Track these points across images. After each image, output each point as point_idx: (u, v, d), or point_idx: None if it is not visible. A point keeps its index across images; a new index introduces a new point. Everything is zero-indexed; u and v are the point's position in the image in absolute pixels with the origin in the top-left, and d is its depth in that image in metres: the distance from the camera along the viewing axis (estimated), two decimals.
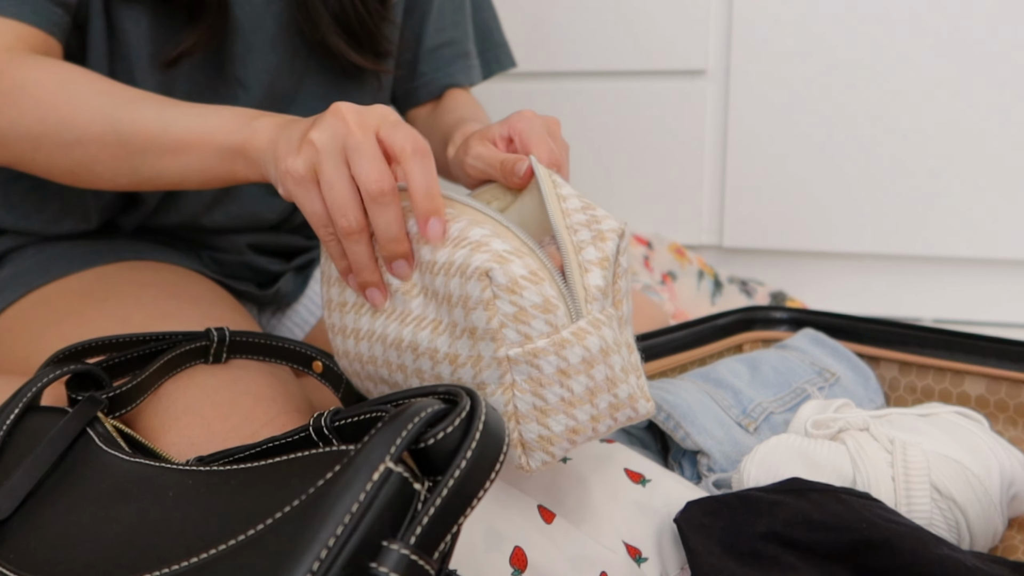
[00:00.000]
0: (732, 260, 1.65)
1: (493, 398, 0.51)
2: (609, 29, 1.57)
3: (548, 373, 0.51)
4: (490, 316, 0.50)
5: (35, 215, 0.81)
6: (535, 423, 0.51)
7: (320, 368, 0.68)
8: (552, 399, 0.51)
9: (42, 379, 0.56)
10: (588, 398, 0.52)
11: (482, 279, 0.50)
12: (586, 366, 0.51)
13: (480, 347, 0.51)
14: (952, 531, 0.62)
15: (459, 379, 0.52)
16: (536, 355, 0.50)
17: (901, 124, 1.47)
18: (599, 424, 0.53)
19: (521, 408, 0.51)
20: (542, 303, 0.50)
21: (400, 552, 0.34)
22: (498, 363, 0.51)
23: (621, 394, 0.53)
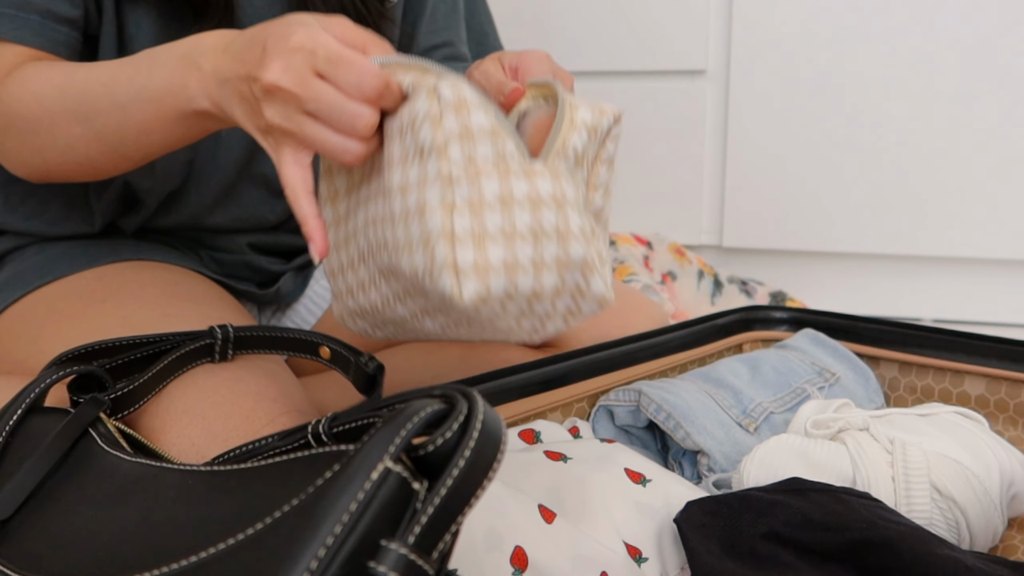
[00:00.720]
0: (732, 260, 1.65)
1: (433, 218, 0.50)
2: (609, 29, 1.57)
3: (489, 198, 0.50)
4: (435, 131, 0.50)
5: (36, 216, 0.82)
6: (471, 247, 0.50)
7: (328, 354, 0.68)
8: (491, 226, 0.50)
9: (45, 380, 0.57)
10: (531, 239, 0.50)
11: (430, 95, 0.51)
12: (532, 205, 0.50)
13: (428, 166, 0.51)
14: (952, 531, 0.62)
15: (408, 207, 0.51)
16: (479, 175, 0.50)
17: (901, 124, 1.47)
18: (543, 276, 0.51)
19: (458, 229, 0.50)
20: (489, 128, 0.51)
21: (399, 552, 0.34)
22: (441, 181, 0.50)
23: (573, 253, 0.50)
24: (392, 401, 0.43)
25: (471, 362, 0.88)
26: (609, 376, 0.78)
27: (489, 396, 0.70)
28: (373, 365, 0.64)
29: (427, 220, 0.50)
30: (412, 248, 0.51)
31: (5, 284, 0.78)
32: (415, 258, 0.51)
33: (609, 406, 0.75)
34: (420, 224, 0.50)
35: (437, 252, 0.50)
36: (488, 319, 0.52)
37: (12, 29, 0.68)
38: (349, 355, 0.66)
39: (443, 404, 0.38)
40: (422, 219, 0.50)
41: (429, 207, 0.50)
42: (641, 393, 0.73)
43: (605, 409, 0.76)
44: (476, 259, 0.50)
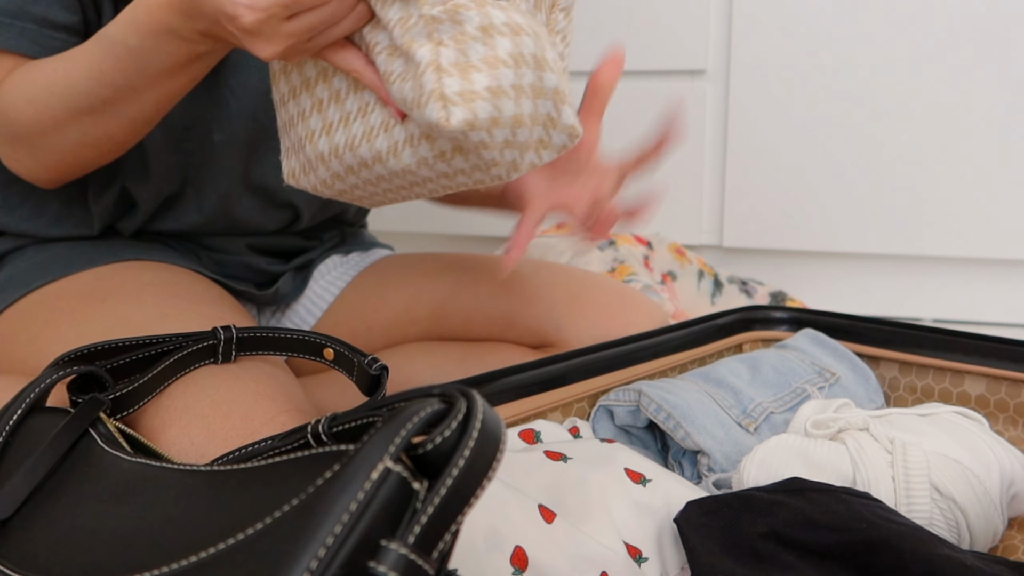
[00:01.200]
0: (732, 260, 1.65)
1: (421, 50, 0.53)
2: (609, 29, 1.57)
3: (471, 30, 0.53)
4: None
5: (34, 218, 0.82)
6: (457, 77, 0.53)
7: (331, 355, 0.68)
8: (475, 56, 0.53)
9: (46, 380, 0.57)
10: (512, 64, 0.53)
11: None
12: (511, 31, 0.53)
13: (410, 8, 0.53)
14: (952, 531, 0.62)
15: (390, 43, 0.55)
16: (458, 10, 0.53)
17: (901, 124, 1.47)
18: (522, 100, 0.54)
19: (444, 61, 0.53)
20: None
21: (399, 551, 0.34)
22: (424, 22, 0.53)
23: (547, 82, 0.55)
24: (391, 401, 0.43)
25: (471, 362, 0.88)
26: (609, 376, 0.78)
27: (489, 396, 0.70)
28: (376, 366, 0.64)
29: (415, 53, 0.54)
30: (402, 78, 0.54)
31: (4, 284, 0.79)
32: (404, 87, 0.54)
33: (609, 406, 0.75)
34: (407, 58, 0.54)
35: (425, 81, 0.53)
36: (475, 147, 0.55)
37: (8, 39, 0.68)
38: (352, 356, 0.66)
39: (442, 404, 0.38)
40: (408, 51, 0.54)
41: (415, 45, 0.53)
42: (641, 393, 0.73)
43: (605, 409, 0.76)
44: (463, 87, 0.53)
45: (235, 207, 0.84)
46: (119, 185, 0.80)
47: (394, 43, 0.55)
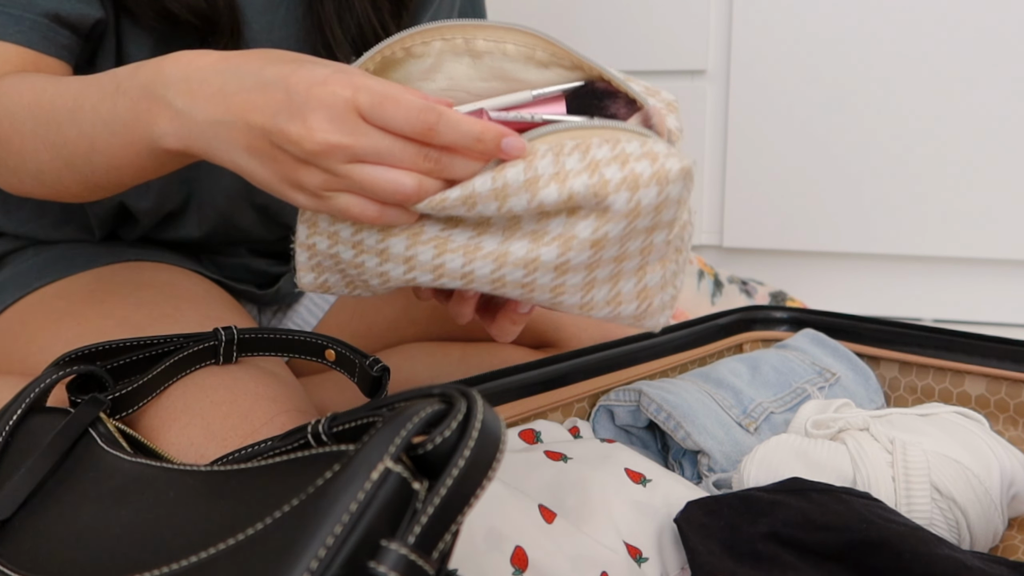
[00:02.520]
0: (732, 260, 1.65)
1: (651, 274, 0.56)
2: (609, 29, 1.57)
3: (685, 240, 0.57)
4: (678, 209, 0.52)
5: (34, 220, 0.81)
6: (672, 286, 0.57)
7: (333, 356, 0.68)
8: (682, 261, 0.58)
9: (46, 380, 0.57)
10: (688, 257, 0.59)
11: (686, 179, 0.51)
12: (693, 229, 0.58)
13: (654, 237, 0.53)
14: (952, 531, 0.62)
15: (620, 270, 0.54)
16: (684, 228, 0.56)
17: (901, 124, 1.47)
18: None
19: (668, 276, 0.57)
20: (693, 185, 0.53)
21: (399, 551, 0.34)
22: (667, 245, 0.55)
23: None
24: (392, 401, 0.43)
25: (471, 362, 0.88)
26: (609, 376, 0.78)
27: (489, 396, 0.70)
28: (378, 367, 0.64)
29: (646, 276, 0.56)
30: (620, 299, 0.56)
31: (4, 285, 0.78)
32: (625, 308, 0.56)
33: (609, 406, 0.75)
34: (635, 279, 0.55)
35: (655, 301, 0.57)
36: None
37: (22, 32, 0.66)
38: (354, 357, 0.66)
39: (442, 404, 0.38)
40: (640, 274, 0.55)
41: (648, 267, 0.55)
42: (641, 393, 0.73)
43: (605, 409, 0.76)
44: (672, 294, 0.58)
45: (236, 223, 0.84)
46: (116, 201, 0.80)
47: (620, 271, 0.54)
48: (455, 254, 0.52)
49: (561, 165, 0.50)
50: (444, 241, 0.52)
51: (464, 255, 0.52)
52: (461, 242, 0.52)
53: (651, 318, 0.57)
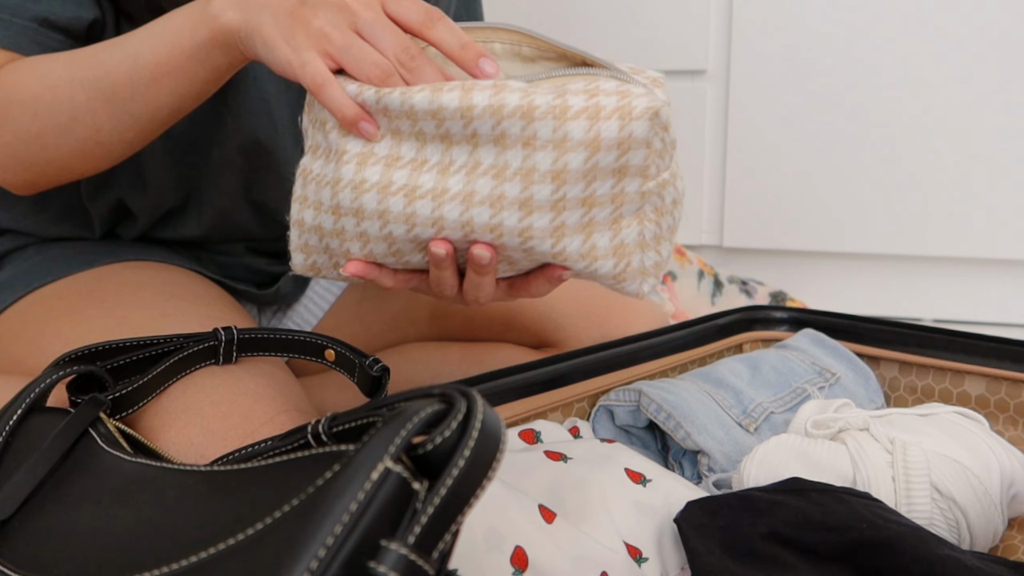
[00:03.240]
0: (732, 260, 1.65)
1: (628, 229, 0.54)
2: (609, 29, 1.57)
3: (667, 203, 0.55)
4: (647, 154, 0.52)
5: (33, 215, 0.81)
6: (653, 251, 0.56)
7: (333, 356, 0.68)
8: (664, 227, 0.56)
9: (46, 380, 0.57)
10: (676, 228, 0.57)
11: (652, 119, 0.51)
12: (681, 197, 0.56)
13: (625, 183, 0.53)
14: (952, 531, 0.62)
15: (592, 218, 0.54)
16: (664, 186, 0.54)
17: (901, 124, 1.47)
18: (670, 258, 0.58)
19: (647, 236, 0.55)
20: (672, 140, 0.53)
21: (399, 552, 0.34)
22: (641, 196, 0.53)
23: (674, 239, 0.59)
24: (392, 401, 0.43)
25: (471, 362, 0.88)
26: (609, 376, 0.78)
27: (489, 396, 0.70)
28: (377, 367, 0.64)
29: (622, 231, 0.54)
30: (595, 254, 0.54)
31: (4, 285, 0.78)
32: (602, 264, 0.55)
33: (609, 406, 0.75)
34: (611, 232, 0.54)
35: (632, 260, 0.56)
36: None
37: (11, 36, 0.67)
38: (354, 357, 0.66)
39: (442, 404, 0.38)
40: (615, 228, 0.54)
41: (624, 221, 0.54)
42: (641, 393, 0.73)
43: (605, 409, 0.76)
44: (656, 260, 0.56)
45: (234, 220, 0.84)
46: (115, 198, 0.80)
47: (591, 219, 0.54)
48: (424, 199, 0.53)
49: (529, 90, 0.51)
50: (412, 189, 0.54)
51: (432, 199, 0.53)
52: (428, 187, 0.53)
53: (631, 281, 0.56)
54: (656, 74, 0.57)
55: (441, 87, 0.52)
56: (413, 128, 0.54)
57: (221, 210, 0.82)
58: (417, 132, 0.54)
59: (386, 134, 0.55)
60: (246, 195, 0.83)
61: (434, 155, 0.54)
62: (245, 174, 0.81)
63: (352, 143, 0.56)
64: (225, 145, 0.78)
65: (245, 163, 0.80)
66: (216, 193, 0.81)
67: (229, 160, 0.79)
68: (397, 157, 0.55)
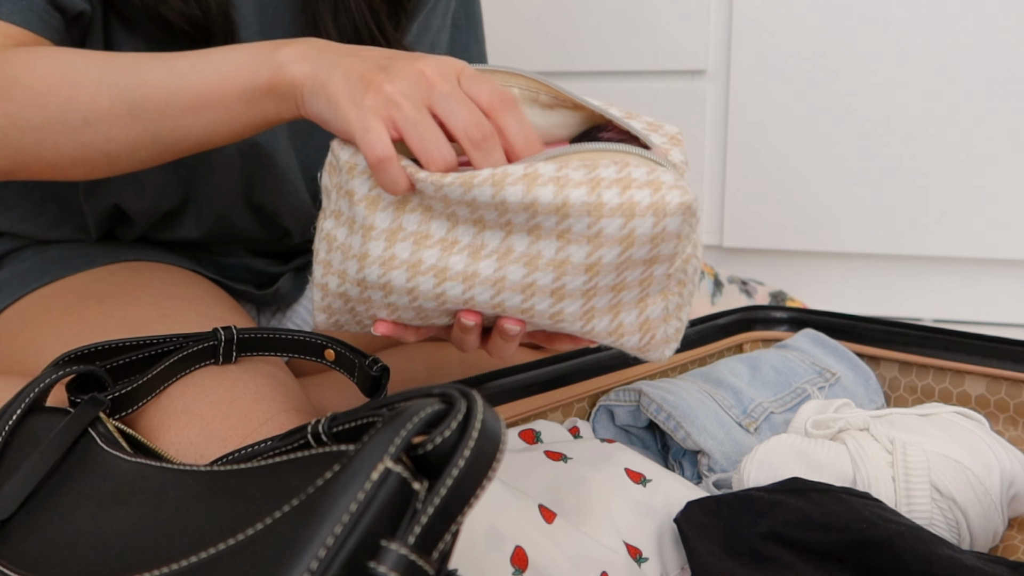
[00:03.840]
0: (732, 260, 1.65)
1: (653, 306, 0.55)
2: (609, 29, 1.57)
3: (690, 274, 0.56)
4: (678, 243, 0.52)
5: (30, 219, 0.81)
6: (676, 319, 0.57)
7: (332, 356, 0.68)
8: (686, 294, 0.57)
9: (46, 380, 0.57)
10: (695, 290, 0.59)
11: (685, 214, 0.51)
12: (699, 263, 0.58)
13: (654, 269, 0.53)
14: (952, 531, 0.62)
15: (620, 300, 0.54)
16: (687, 261, 0.56)
17: (901, 124, 1.47)
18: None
19: (671, 308, 0.56)
20: (697, 220, 0.53)
21: (399, 552, 0.34)
22: (667, 278, 0.54)
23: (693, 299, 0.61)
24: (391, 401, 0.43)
25: (471, 362, 0.88)
26: (609, 376, 0.78)
27: (490, 396, 0.70)
28: (377, 367, 0.64)
29: (648, 308, 0.56)
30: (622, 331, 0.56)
31: (3, 285, 0.78)
32: (628, 340, 0.56)
33: (609, 406, 0.75)
34: (637, 310, 0.55)
35: (657, 333, 0.57)
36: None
37: (18, 11, 0.65)
38: (353, 357, 0.66)
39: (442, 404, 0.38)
40: (642, 306, 0.55)
41: (649, 299, 0.55)
42: (641, 393, 0.73)
43: (605, 409, 0.76)
44: (677, 326, 0.58)
45: (233, 223, 0.84)
46: (111, 201, 0.80)
47: (619, 301, 0.54)
48: (454, 281, 0.53)
49: (564, 173, 0.50)
50: (443, 270, 0.53)
51: (463, 282, 0.53)
52: (459, 269, 0.53)
53: (655, 350, 0.58)
54: (674, 129, 0.57)
55: (473, 177, 0.51)
56: (446, 209, 0.53)
57: (219, 212, 0.82)
58: (450, 213, 0.53)
59: (416, 209, 0.54)
60: (244, 198, 0.82)
61: (465, 236, 0.53)
62: (243, 176, 0.81)
63: (380, 218, 0.54)
64: (223, 148, 0.78)
65: (243, 165, 0.80)
66: (214, 195, 0.81)
67: (226, 162, 0.79)
68: (427, 235, 0.54)
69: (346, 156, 0.55)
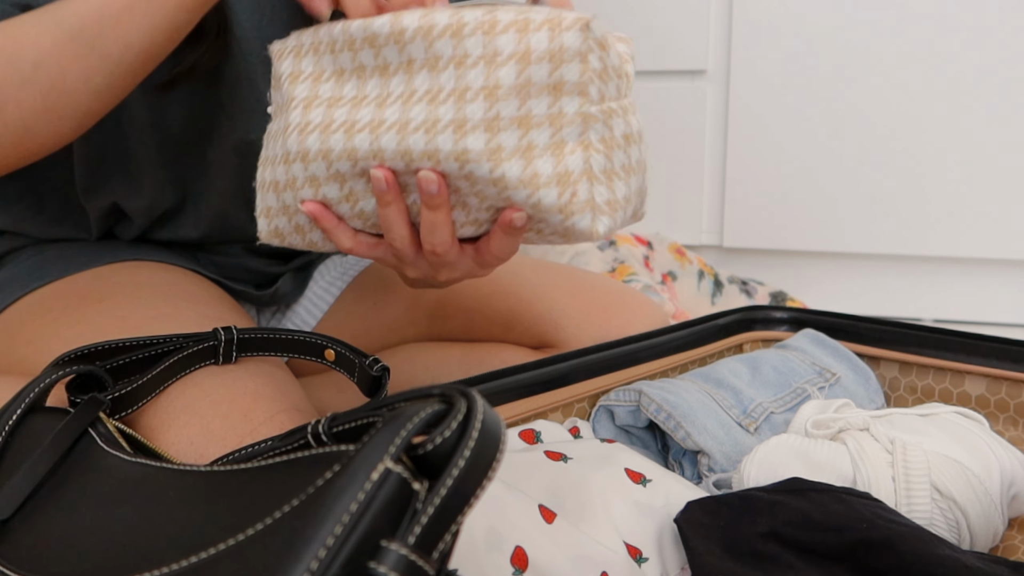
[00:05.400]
0: (732, 260, 1.65)
1: (572, 156, 0.51)
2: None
3: (617, 136, 0.53)
4: (583, 70, 0.50)
5: (30, 217, 0.81)
6: (604, 186, 0.53)
7: (333, 356, 0.68)
8: (617, 163, 0.53)
9: (46, 379, 0.57)
10: (636, 170, 0.54)
11: (583, 30, 0.50)
12: (637, 138, 0.54)
13: (563, 103, 0.51)
14: (952, 531, 0.62)
15: (530, 142, 0.51)
16: (611, 115, 0.52)
17: (901, 124, 1.47)
18: (628, 206, 0.55)
19: (595, 167, 0.52)
20: (618, 66, 0.52)
21: (399, 552, 0.34)
22: (582, 119, 0.51)
23: (644, 183, 0.56)
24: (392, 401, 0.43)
25: (471, 362, 0.88)
26: (610, 376, 0.78)
27: (490, 396, 0.70)
28: (378, 367, 0.64)
29: (565, 157, 0.51)
30: (538, 181, 0.51)
31: (3, 285, 0.78)
32: (545, 193, 0.52)
33: (609, 406, 0.75)
34: (554, 159, 0.52)
35: (579, 191, 0.52)
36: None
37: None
38: (354, 357, 0.66)
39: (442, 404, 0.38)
40: (558, 154, 0.51)
41: (567, 147, 0.51)
42: (641, 393, 0.73)
43: (605, 409, 0.76)
44: (608, 197, 0.53)
45: (232, 222, 0.84)
46: (110, 200, 0.80)
47: (530, 143, 0.52)
48: (362, 133, 0.53)
49: (460, 7, 0.52)
50: (352, 124, 0.54)
51: (370, 132, 0.53)
52: (366, 120, 0.54)
53: (579, 215, 0.52)
54: (621, 35, 0.57)
55: (374, 17, 0.53)
56: (354, 62, 0.54)
57: (218, 211, 0.82)
58: (358, 67, 0.55)
59: (331, 78, 0.56)
60: (242, 196, 0.82)
61: (373, 90, 0.54)
62: (241, 175, 0.81)
63: (299, 88, 0.56)
64: (220, 146, 0.78)
65: (240, 163, 0.80)
66: (212, 194, 0.81)
67: (224, 161, 0.79)
68: (339, 97, 0.55)
69: (276, 46, 0.59)
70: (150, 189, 0.79)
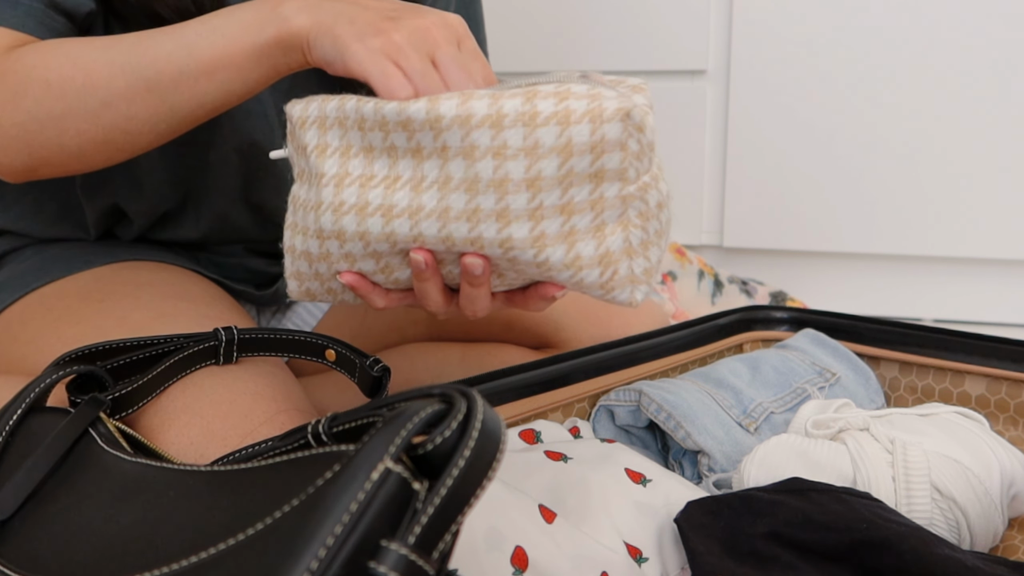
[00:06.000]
0: (732, 260, 1.65)
1: (612, 237, 0.53)
2: (609, 29, 1.57)
3: (651, 207, 0.54)
4: (623, 157, 0.51)
5: (30, 216, 0.81)
6: (642, 257, 0.54)
7: (333, 356, 0.68)
8: (651, 231, 0.54)
9: (46, 379, 0.57)
10: (665, 230, 0.56)
11: (624, 120, 0.50)
12: (667, 200, 0.55)
13: (603, 188, 0.52)
14: (952, 531, 0.62)
15: (572, 227, 0.52)
16: (646, 190, 0.53)
17: (901, 125, 1.47)
18: (660, 264, 0.56)
19: (634, 242, 0.54)
20: (650, 141, 0.52)
21: (399, 552, 0.34)
22: (621, 201, 0.52)
23: (666, 244, 0.57)
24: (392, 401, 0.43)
25: (471, 362, 0.88)
26: (610, 376, 0.78)
27: (490, 396, 0.70)
28: (378, 367, 0.64)
29: (607, 239, 0.53)
30: (580, 263, 0.53)
31: (3, 285, 0.78)
32: (587, 273, 0.53)
33: (610, 406, 0.75)
34: (595, 241, 0.53)
35: (620, 268, 0.54)
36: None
37: (19, 16, 0.66)
38: (354, 357, 0.66)
39: (442, 404, 0.38)
40: (599, 236, 0.53)
41: (607, 228, 0.53)
42: (641, 393, 0.73)
43: (606, 409, 0.76)
44: (646, 266, 0.55)
45: (232, 223, 0.84)
46: (110, 201, 0.80)
47: (572, 228, 0.52)
48: (401, 218, 0.53)
49: (499, 95, 0.51)
50: (389, 208, 0.53)
51: (409, 218, 0.53)
52: (403, 205, 0.53)
53: (619, 290, 0.54)
54: (637, 81, 0.57)
55: (409, 101, 0.52)
56: (385, 142, 0.53)
57: (219, 212, 0.82)
58: (389, 147, 0.54)
59: (359, 153, 0.55)
60: (244, 197, 0.82)
61: (406, 171, 0.53)
62: (242, 176, 0.81)
63: (329, 164, 0.55)
64: (221, 147, 0.78)
65: (242, 165, 0.80)
66: (213, 195, 0.81)
67: (225, 162, 0.79)
68: (371, 176, 0.54)
69: (297, 111, 0.57)
70: (151, 190, 0.79)
